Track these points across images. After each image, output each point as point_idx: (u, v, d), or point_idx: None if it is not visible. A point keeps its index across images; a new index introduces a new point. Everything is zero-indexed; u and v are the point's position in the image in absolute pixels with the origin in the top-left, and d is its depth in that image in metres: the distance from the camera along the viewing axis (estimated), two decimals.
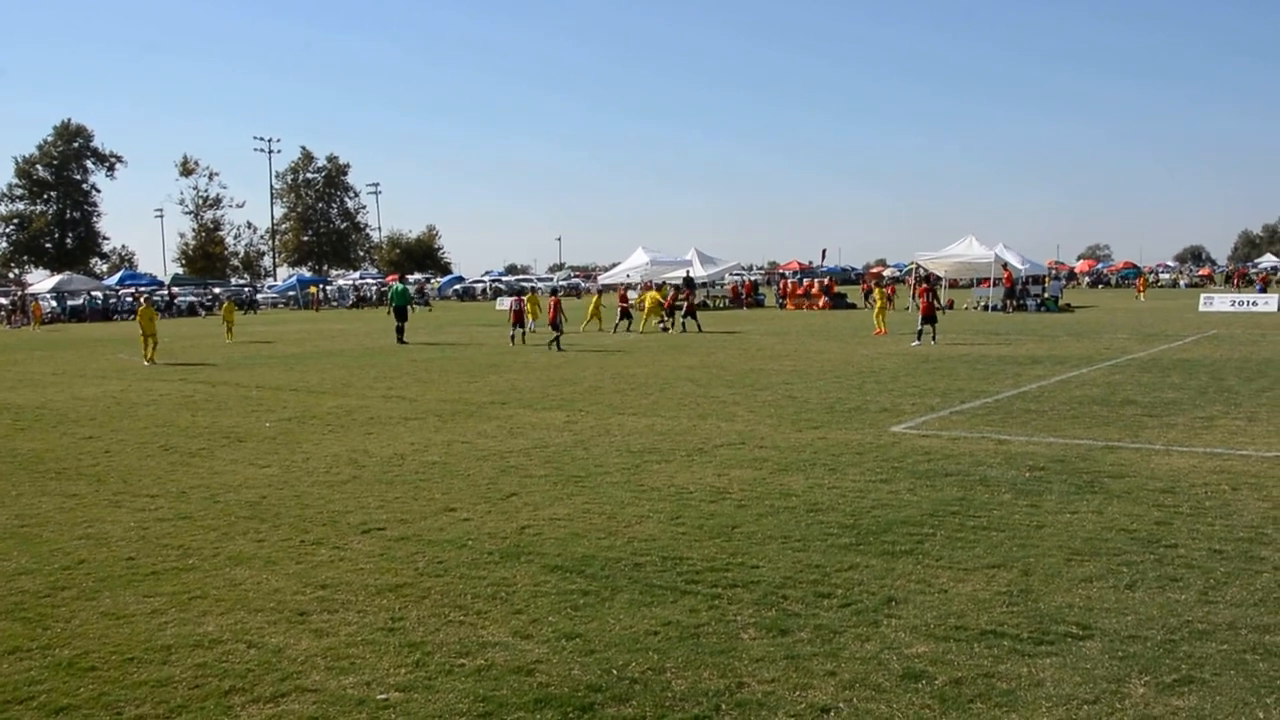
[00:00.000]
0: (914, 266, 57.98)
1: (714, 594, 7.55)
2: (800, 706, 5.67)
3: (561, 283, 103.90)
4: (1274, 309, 46.03)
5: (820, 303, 58.27)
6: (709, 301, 61.25)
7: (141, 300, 36.89)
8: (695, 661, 6.31)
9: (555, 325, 31.62)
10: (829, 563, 8.23)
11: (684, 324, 39.30)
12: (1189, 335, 32.09)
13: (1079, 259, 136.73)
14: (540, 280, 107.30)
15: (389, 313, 39.75)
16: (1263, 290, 50.99)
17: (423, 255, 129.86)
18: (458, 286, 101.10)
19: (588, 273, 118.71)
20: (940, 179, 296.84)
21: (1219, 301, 49.81)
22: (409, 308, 37.99)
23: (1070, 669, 6.08)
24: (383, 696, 5.95)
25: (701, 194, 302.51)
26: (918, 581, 7.75)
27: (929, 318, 30.39)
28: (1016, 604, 7.22)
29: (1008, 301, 50.07)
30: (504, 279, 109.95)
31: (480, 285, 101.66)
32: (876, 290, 39.64)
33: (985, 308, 51.02)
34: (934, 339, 30.17)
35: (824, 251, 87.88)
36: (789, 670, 6.15)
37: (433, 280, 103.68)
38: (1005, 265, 50.84)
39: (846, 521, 9.49)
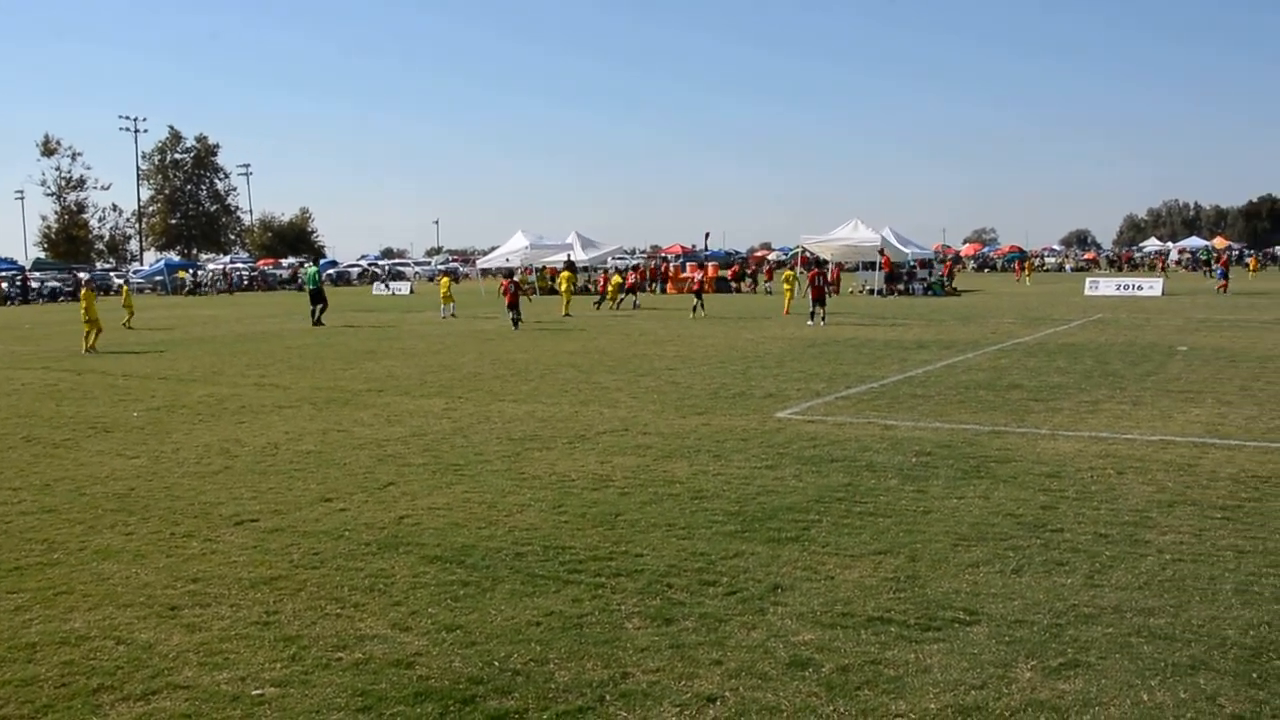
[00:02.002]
0: (800, 250, 58.60)
1: (597, 583, 7.52)
2: (686, 696, 5.66)
3: (440, 266, 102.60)
4: (1159, 293, 47.33)
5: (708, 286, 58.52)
6: (589, 286, 61.11)
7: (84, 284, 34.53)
8: (579, 652, 6.27)
9: (513, 306, 33.00)
10: (714, 550, 8.25)
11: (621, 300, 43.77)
12: (1075, 319, 33.02)
13: (965, 242, 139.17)
14: (417, 264, 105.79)
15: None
16: (1224, 275, 51.19)
17: (295, 238, 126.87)
18: (332, 271, 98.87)
19: (466, 256, 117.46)
20: (827, 161, 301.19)
21: (1104, 285, 51.03)
22: (322, 289, 37.82)
23: (957, 654, 6.16)
24: (257, 692, 5.78)
25: (582, 176, 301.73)
26: (804, 569, 7.80)
27: (819, 300, 32.00)
28: (903, 590, 7.31)
29: (889, 285, 51.08)
30: (380, 263, 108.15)
31: (356, 269, 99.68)
32: (788, 273, 41.61)
33: (870, 292, 51.88)
34: (823, 320, 31.57)
35: (707, 235, 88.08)
36: (674, 659, 6.13)
37: (306, 264, 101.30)
38: (883, 250, 51.77)
39: (731, 509, 9.53)
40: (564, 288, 41.93)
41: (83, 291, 29.53)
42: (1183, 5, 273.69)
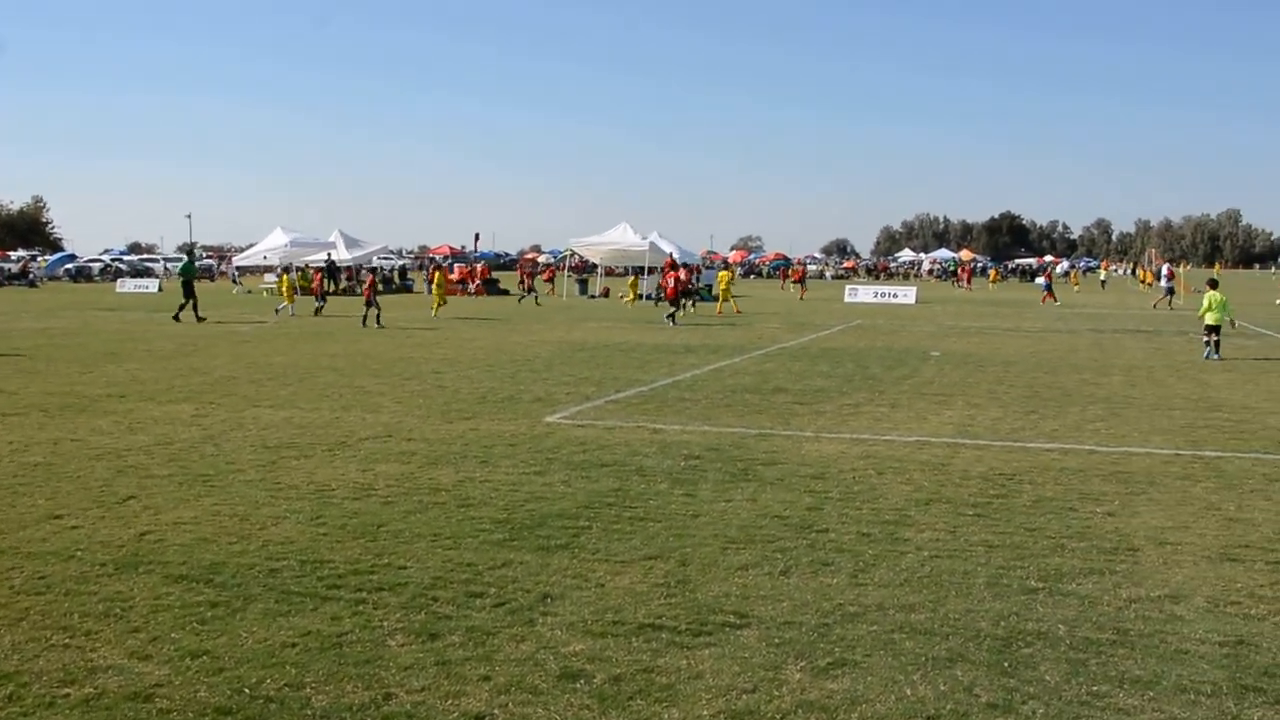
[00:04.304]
0: (569, 253, 58.71)
1: (358, 599, 7.13)
2: (453, 715, 5.39)
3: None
4: (913, 301, 50.12)
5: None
6: (353, 287, 59.49)
7: None
8: (338, 674, 5.89)
9: (370, 302, 33.12)
10: (481, 560, 7.99)
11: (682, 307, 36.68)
12: (836, 325, 34.30)
13: (732, 249, 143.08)
14: (167, 261, 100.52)
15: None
16: (1049, 288, 53.70)
17: (26, 229, 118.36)
18: (70, 266, 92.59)
19: (221, 253, 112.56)
20: (595, 164, 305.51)
21: (863, 293, 53.61)
22: (193, 283, 37.06)
23: (729, 659, 6.12)
24: None
25: (348, 174, 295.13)
26: (574, 576, 7.64)
27: (684, 294, 35.21)
28: (674, 595, 7.24)
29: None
30: (125, 258, 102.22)
31: (98, 265, 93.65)
32: (723, 273, 44.97)
33: (642, 298, 52.35)
34: (673, 319, 33.61)
35: (477, 236, 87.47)
36: (440, 677, 5.85)
37: (40, 259, 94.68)
38: (672, 255, 52.43)
39: (499, 516, 9.28)
40: (436, 287, 40.63)
41: None
42: (937, 44, 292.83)
